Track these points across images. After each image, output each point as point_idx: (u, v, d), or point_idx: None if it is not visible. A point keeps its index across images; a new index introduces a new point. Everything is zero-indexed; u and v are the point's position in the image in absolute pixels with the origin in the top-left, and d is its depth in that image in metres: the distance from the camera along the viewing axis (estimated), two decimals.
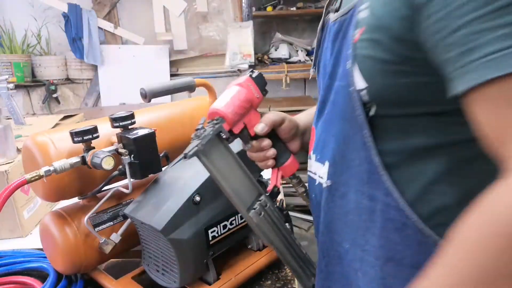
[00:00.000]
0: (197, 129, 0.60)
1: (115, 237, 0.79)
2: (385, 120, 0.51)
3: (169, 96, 0.96)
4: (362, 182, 0.53)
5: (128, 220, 0.80)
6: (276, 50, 3.08)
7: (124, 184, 0.83)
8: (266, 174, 0.84)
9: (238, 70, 3.05)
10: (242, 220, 0.84)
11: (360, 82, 0.50)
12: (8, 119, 1.66)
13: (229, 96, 0.64)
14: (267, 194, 0.68)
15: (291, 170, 0.72)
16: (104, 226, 0.81)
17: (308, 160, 0.68)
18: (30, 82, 3.04)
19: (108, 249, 0.78)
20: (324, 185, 0.60)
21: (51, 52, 3.16)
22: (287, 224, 0.71)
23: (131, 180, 0.77)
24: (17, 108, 1.72)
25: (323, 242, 0.62)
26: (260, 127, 0.67)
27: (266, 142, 0.69)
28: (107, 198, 0.79)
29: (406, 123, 0.51)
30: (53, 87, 3.06)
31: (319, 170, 0.62)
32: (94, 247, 0.79)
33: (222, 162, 0.61)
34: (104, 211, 0.82)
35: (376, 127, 0.52)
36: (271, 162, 0.71)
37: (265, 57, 3.07)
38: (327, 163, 0.59)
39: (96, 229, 0.80)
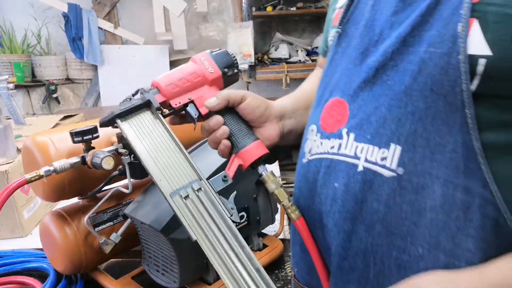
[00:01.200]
0: (126, 97, 0.57)
1: (115, 237, 0.79)
2: (486, 100, 0.43)
3: None
4: (457, 172, 0.44)
5: (128, 220, 0.80)
6: (276, 50, 3.08)
7: (124, 184, 0.83)
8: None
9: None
10: (242, 220, 0.84)
11: (478, 49, 0.42)
12: (8, 119, 1.66)
13: (174, 69, 0.61)
14: (209, 180, 0.57)
15: (251, 156, 0.59)
16: (104, 226, 0.81)
17: (321, 139, 0.56)
18: (30, 82, 3.04)
19: (108, 249, 0.78)
20: (389, 174, 0.47)
21: (51, 52, 3.16)
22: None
23: (131, 180, 0.77)
24: (17, 108, 1.72)
25: (376, 246, 0.49)
26: (210, 101, 0.59)
27: (215, 119, 0.59)
28: (107, 198, 0.79)
29: None
30: (53, 87, 3.06)
31: (370, 154, 0.49)
32: (94, 247, 0.79)
33: (149, 136, 0.56)
34: (104, 211, 0.82)
35: (475, 108, 0.43)
36: (224, 145, 0.59)
37: (265, 57, 3.07)
38: (396, 147, 0.47)
39: (96, 229, 0.80)
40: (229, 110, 0.61)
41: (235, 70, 0.63)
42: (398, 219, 0.47)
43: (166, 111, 0.61)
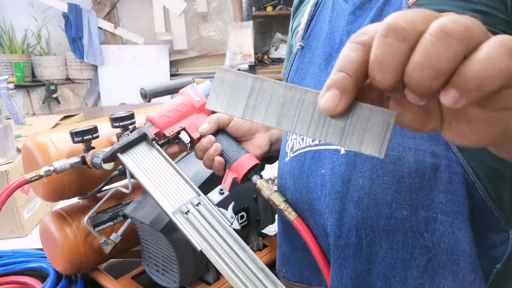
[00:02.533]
0: (124, 134, 0.64)
1: (115, 237, 0.79)
2: None
3: (169, 96, 0.96)
4: (424, 140, 0.51)
5: (128, 220, 0.80)
6: (276, 50, 3.09)
7: (124, 184, 0.83)
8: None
9: (238, 70, 3.05)
10: (242, 220, 0.84)
11: None
12: (8, 119, 1.66)
13: (164, 103, 0.69)
14: (207, 195, 0.61)
15: (243, 168, 0.64)
16: (104, 226, 0.81)
17: (301, 136, 0.61)
18: (30, 82, 3.04)
19: (108, 249, 0.78)
20: None
21: (51, 52, 3.16)
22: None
23: (131, 180, 0.77)
24: (17, 108, 1.72)
25: (366, 218, 0.54)
26: (203, 127, 0.65)
27: (207, 138, 0.64)
28: (107, 198, 0.79)
29: None
30: (53, 87, 3.07)
31: None
32: (94, 247, 0.79)
33: (148, 164, 0.62)
34: (104, 211, 0.82)
35: None
36: (217, 161, 0.64)
37: (265, 57, 3.07)
38: None
39: (96, 229, 0.80)
40: (219, 131, 0.67)
41: None
42: (382, 189, 0.52)
43: (162, 141, 0.67)
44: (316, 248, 0.60)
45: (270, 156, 0.74)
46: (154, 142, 0.63)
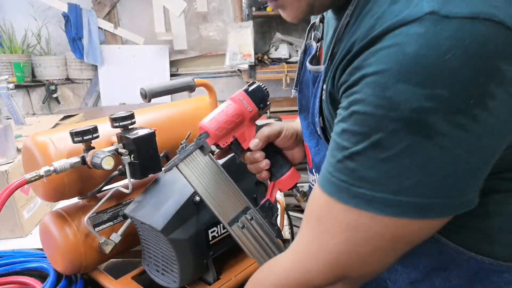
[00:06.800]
0: (181, 144, 0.65)
1: (115, 237, 0.79)
2: None
3: (169, 96, 0.96)
4: None
5: (128, 220, 0.80)
6: (276, 50, 3.08)
7: (124, 184, 0.83)
8: None
9: (238, 70, 3.05)
10: None
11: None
12: (8, 119, 1.66)
13: (217, 111, 0.68)
14: (257, 208, 0.69)
15: (288, 184, 0.71)
16: (104, 226, 0.81)
17: (310, 175, 0.69)
18: (30, 82, 3.04)
19: (108, 249, 0.78)
20: None
21: (51, 52, 3.16)
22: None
23: (131, 180, 0.77)
24: (17, 108, 1.72)
25: None
26: (254, 143, 0.69)
27: (258, 154, 0.70)
28: (107, 198, 0.79)
29: None
30: (53, 87, 3.06)
31: None
32: (94, 247, 0.79)
33: (205, 175, 0.65)
34: (104, 211, 0.82)
35: None
36: (265, 174, 0.71)
37: (265, 57, 3.07)
38: None
39: (96, 229, 0.80)
40: (267, 144, 0.71)
41: (268, 103, 0.71)
42: None
43: (214, 150, 0.70)
44: None
45: None
46: (210, 153, 0.66)
